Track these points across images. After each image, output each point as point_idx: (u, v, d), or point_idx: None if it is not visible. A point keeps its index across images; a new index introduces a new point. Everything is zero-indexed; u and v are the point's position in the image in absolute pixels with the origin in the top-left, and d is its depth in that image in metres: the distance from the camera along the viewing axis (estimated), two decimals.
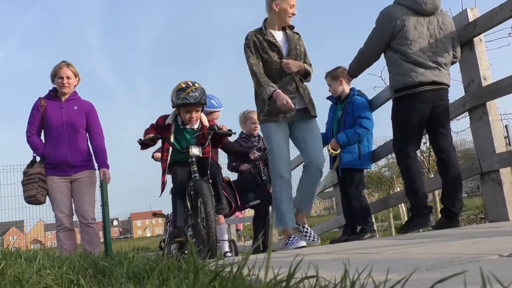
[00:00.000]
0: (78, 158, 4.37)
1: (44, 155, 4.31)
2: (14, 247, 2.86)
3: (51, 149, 4.31)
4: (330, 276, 1.01)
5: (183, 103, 3.63)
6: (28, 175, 4.23)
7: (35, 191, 4.16)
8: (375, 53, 3.60)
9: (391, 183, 11.55)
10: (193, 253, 1.01)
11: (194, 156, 3.65)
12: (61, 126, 4.34)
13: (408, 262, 1.55)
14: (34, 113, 4.41)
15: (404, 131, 3.44)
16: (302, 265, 0.97)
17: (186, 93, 3.62)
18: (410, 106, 3.35)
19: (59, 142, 4.32)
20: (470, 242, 2.02)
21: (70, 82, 4.41)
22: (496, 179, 3.37)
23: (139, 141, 3.70)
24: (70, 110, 4.41)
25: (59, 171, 4.30)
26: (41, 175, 4.23)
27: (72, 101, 4.48)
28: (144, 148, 3.81)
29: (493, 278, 0.77)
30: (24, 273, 1.54)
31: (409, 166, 3.44)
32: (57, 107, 4.40)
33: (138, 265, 1.52)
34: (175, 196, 3.70)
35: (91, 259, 2.05)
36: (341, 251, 2.40)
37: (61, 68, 4.39)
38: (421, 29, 3.38)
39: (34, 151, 4.36)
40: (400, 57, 3.38)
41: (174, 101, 3.70)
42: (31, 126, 4.39)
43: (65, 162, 4.29)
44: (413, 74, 3.30)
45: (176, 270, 1.22)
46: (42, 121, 4.37)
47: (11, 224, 12.26)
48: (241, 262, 0.93)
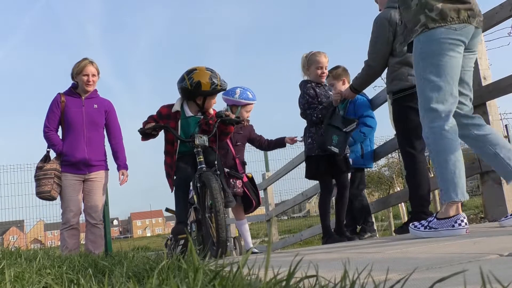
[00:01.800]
0: (96, 157, 4.32)
1: (62, 152, 4.25)
2: (14, 247, 2.86)
3: (69, 147, 4.24)
4: (330, 276, 1.01)
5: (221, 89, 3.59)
6: (43, 170, 4.14)
7: (50, 187, 4.09)
8: (384, 63, 3.49)
9: (391, 182, 11.55)
10: (193, 252, 1.01)
11: (200, 146, 3.44)
12: (81, 124, 4.28)
13: (408, 261, 1.55)
14: (53, 109, 4.32)
15: (408, 132, 3.41)
16: (302, 265, 0.97)
17: (219, 80, 3.54)
18: (409, 106, 3.34)
19: (78, 140, 4.26)
20: (470, 242, 2.02)
21: (94, 80, 4.37)
22: (496, 179, 3.37)
23: (140, 130, 3.50)
24: (90, 108, 4.35)
25: (75, 169, 4.25)
26: (56, 172, 4.17)
27: (92, 99, 4.41)
28: (145, 139, 3.62)
29: (493, 278, 0.77)
30: (24, 272, 1.54)
31: (417, 172, 3.37)
32: (77, 104, 4.33)
33: (138, 264, 1.52)
34: (179, 190, 3.52)
35: (91, 258, 2.05)
36: (341, 250, 2.40)
37: (87, 66, 4.32)
38: None
39: (52, 147, 4.30)
40: (397, 62, 3.38)
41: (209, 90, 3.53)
42: (50, 122, 4.31)
43: (83, 161, 4.25)
44: (410, 77, 3.31)
45: (176, 269, 1.22)
46: (61, 118, 4.30)
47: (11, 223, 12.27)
48: (241, 262, 0.93)
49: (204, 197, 3.31)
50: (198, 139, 3.43)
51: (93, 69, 4.35)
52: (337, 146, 3.81)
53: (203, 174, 3.21)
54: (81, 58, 4.42)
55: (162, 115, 3.63)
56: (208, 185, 3.06)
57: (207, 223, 3.27)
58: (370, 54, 3.50)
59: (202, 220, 3.37)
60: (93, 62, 4.38)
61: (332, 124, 3.85)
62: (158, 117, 3.64)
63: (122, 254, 2.22)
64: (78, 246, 4.29)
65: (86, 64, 4.33)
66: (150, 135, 3.56)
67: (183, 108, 3.65)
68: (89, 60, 4.39)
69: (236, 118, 3.74)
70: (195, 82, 3.51)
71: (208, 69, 3.56)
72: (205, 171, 3.25)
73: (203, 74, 3.52)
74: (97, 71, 4.40)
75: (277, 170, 8.23)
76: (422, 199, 3.37)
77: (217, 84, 3.52)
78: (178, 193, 3.51)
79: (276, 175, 7.96)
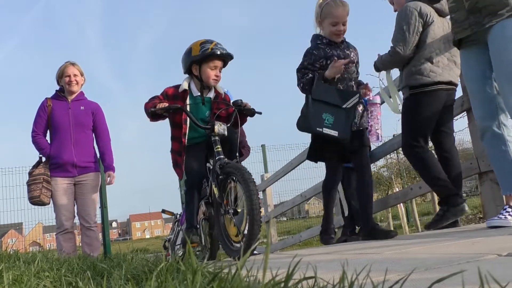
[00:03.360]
0: (84, 159, 4.31)
1: (50, 155, 4.25)
2: (13, 250, 2.86)
3: (57, 149, 4.25)
4: (329, 277, 1.01)
5: (214, 52, 3.10)
6: (32, 176, 4.17)
7: (39, 192, 4.10)
8: (411, 53, 3.32)
9: (389, 183, 11.55)
10: (191, 254, 1.01)
11: (219, 135, 3.07)
12: (68, 126, 4.29)
13: (406, 262, 1.55)
14: (40, 113, 4.35)
15: (416, 127, 3.33)
16: (301, 266, 0.97)
17: (213, 44, 3.13)
18: (426, 102, 3.28)
19: (65, 142, 4.27)
20: (468, 242, 2.02)
21: (77, 80, 4.38)
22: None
23: (151, 111, 3.07)
24: (76, 110, 4.36)
25: (63, 172, 4.24)
26: (45, 176, 4.17)
27: (79, 101, 4.43)
28: (153, 120, 3.19)
29: (491, 278, 0.77)
30: (22, 275, 1.54)
31: (420, 156, 3.28)
32: (64, 107, 4.35)
33: (137, 266, 1.52)
34: (192, 190, 3.15)
35: (89, 261, 2.05)
36: (340, 251, 2.40)
37: (67, 67, 4.38)
38: (440, 29, 3.36)
39: (39, 151, 4.31)
40: (421, 56, 3.31)
41: (199, 53, 3.12)
42: (37, 126, 4.34)
43: (71, 163, 4.24)
44: (431, 74, 3.26)
45: (175, 271, 1.22)
46: (48, 121, 4.32)
47: (10, 226, 12.24)
48: (240, 263, 0.93)
49: (224, 191, 2.92)
50: (218, 126, 3.07)
51: (74, 69, 4.39)
52: (336, 127, 3.21)
53: (230, 165, 2.82)
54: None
55: (168, 96, 3.25)
56: (241, 176, 2.64)
57: (222, 222, 2.93)
58: (398, 40, 3.31)
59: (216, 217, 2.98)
60: (74, 64, 4.42)
61: (323, 99, 3.25)
62: (163, 98, 3.25)
63: (121, 256, 2.22)
64: (75, 249, 4.29)
65: (67, 66, 4.39)
66: (161, 116, 3.18)
67: (190, 88, 3.28)
68: (70, 62, 4.44)
69: (252, 109, 3.33)
70: (187, 50, 3.22)
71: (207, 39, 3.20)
72: (229, 162, 2.89)
73: (198, 41, 3.19)
74: (79, 72, 4.43)
75: (275, 171, 8.24)
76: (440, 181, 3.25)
77: (208, 48, 3.11)
78: (191, 193, 3.15)
79: (274, 176, 7.95)
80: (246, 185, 2.58)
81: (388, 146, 4.83)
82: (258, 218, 2.50)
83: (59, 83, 4.46)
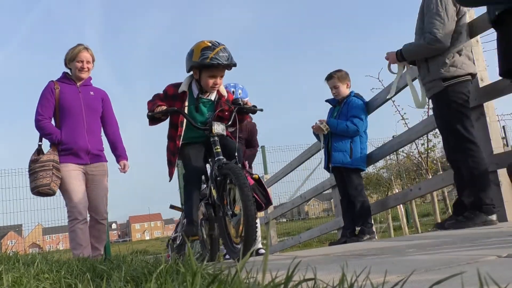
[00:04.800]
0: (96, 146, 4.07)
1: (61, 141, 3.90)
2: (12, 252, 2.85)
3: (69, 134, 3.92)
4: (329, 279, 1.01)
5: (212, 63, 2.93)
6: (40, 162, 3.78)
7: (49, 179, 3.73)
8: (449, 40, 3.18)
9: (389, 184, 11.55)
10: (191, 255, 1.01)
11: (217, 135, 3.01)
12: (80, 110, 3.99)
13: (406, 263, 1.54)
14: (47, 96, 3.98)
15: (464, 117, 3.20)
16: (300, 268, 0.97)
17: (215, 52, 2.93)
18: (463, 91, 3.21)
19: (78, 127, 3.96)
20: (468, 243, 2.02)
21: (89, 67, 4.12)
22: (494, 180, 3.37)
23: (149, 115, 3.03)
24: (87, 95, 4.09)
25: (75, 158, 3.93)
26: (54, 163, 3.81)
27: (88, 86, 4.16)
28: (153, 123, 3.16)
29: (491, 280, 0.77)
30: (22, 277, 1.54)
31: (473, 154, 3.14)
32: (74, 91, 4.05)
33: (137, 268, 1.51)
34: (191, 185, 3.12)
35: (89, 263, 2.05)
36: (339, 253, 2.40)
37: (81, 52, 4.06)
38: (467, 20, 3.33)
39: (47, 136, 3.95)
40: (454, 47, 3.24)
41: (198, 61, 2.97)
42: (43, 110, 3.95)
43: (85, 149, 3.96)
44: (464, 65, 3.22)
45: (175, 273, 1.22)
46: (56, 106, 3.98)
47: (9, 228, 12.23)
48: (239, 265, 0.93)
49: (223, 193, 2.87)
50: (217, 126, 3.00)
51: (88, 55, 4.10)
52: None
53: (227, 167, 2.76)
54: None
55: (168, 95, 3.18)
56: (236, 179, 2.59)
57: (223, 223, 2.86)
58: (436, 28, 3.16)
59: (217, 219, 2.94)
60: (88, 48, 4.11)
61: None
62: (164, 97, 3.19)
63: (120, 258, 2.22)
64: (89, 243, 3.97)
65: (81, 50, 4.06)
66: (159, 119, 3.13)
67: (191, 89, 3.17)
68: (84, 46, 4.12)
69: (253, 107, 3.26)
70: (190, 51, 3.08)
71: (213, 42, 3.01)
72: (227, 163, 2.82)
73: (202, 44, 3.01)
74: (92, 58, 4.15)
75: (275, 172, 8.24)
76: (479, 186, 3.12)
77: (208, 56, 2.93)
78: (190, 188, 3.11)
79: (274, 178, 7.96)
80: (241, 190, 2.53)
81: (388, 147, 4.83)
82: (253, 223, 2.46)
83: (67, 65, 4.14)
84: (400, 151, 9.43)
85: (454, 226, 3.17)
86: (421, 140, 7.93)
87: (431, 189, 4.67)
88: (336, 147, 4.36)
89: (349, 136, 4.35)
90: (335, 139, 4.39)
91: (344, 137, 4.37)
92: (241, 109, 3.19)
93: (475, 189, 3.15)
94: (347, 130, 4.31)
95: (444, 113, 3.29)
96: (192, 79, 3.17)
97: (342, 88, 4.45)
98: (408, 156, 9.80)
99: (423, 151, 8.30)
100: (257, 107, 3.27)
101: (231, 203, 2.80)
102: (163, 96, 3.19)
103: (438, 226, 3.46)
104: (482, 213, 3.09)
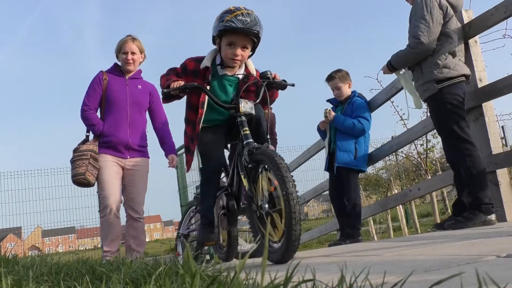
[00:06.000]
0: (137, 142, 3.95)
1: (102, 133, 3.85)
2: (12, 254, 2.85)
3: (111, 127, 3.86)
4: (328, 279, 1.01)
5: (225, 26, 2.54)
6: (79, 151, 3.76)
7: (85, 168, 3.68)
8: (435, 44, 3.24)
9: (388, 185, 11.55)
10: (189, 257, 1.01)
11: (245, 114, 2.60)
12: (124, 104, 3.92)
13: (405, 264, 1.54)
14: (95, 86, 3.95)
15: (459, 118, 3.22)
16: (300, 269, 0.97)
17: (234, 14, 2.53)
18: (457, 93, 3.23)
19: (121, 120, 3.89)
20: (468, 243, 2.02)
21: (135, 58, 4.01)
22: (493, 180, 3.37)
23: (164, 92, 2.65)
24: (134, 89, 4.01)
25: (114, 151, 3.86)
26: (93, 153, 3.77)
27: (136, 79, 4.08)
28: (167, 101, 2.79)
29: (490, 280, 0.77)
30: (21, 280, 1.53)
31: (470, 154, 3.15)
32: (121, 83, 3.99)
33: (136, 270, 1.51)
34: (209, 181, 2.75)
35: (88, 265, 2.04)
36: (339, 254, 2.40)
37: (126, 43, 4.00)
38: (455, 22, 3.34)
39: (90, 127, 3.91)
40: (445, 49, 3.26)
41: (215, 27, 2.62)
42: (90, 100, 3.92)
43: (125, 143, 3.87)
44: (457, 67, 3.24)
45: (174, 275, 1.22)
46: (102, 97, 3.93)
47: (9, 230, 12.22)
48: (239, 266, 0.93)
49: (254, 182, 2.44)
50: (244, 104, 2.60)
51: (134, 46, 4.01)
52: None
53: (261, 152, 2.36)
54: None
55: (187, 70, 2.79)
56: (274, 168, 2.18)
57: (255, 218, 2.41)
58: (421, 31, 3.23)
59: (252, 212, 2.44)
60: (135, 39, 4.04)
61: None
62: (182, 72, 2.81)
63: (119, 260, 2.21)
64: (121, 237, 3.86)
65: (126, 41, 4.01)
66: (176, 96, 2.74)
67: (215, 64, 2.78)
68: (131, 36, 4.06)
69: (283, 81, 2.84)
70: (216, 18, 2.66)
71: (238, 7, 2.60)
72: (259, 147, 2.44)
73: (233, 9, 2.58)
74: (138, 48, 4.04)
75: None
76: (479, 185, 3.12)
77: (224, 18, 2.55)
78: (209, 184, 2.75)
79: None
80: (280, 176, 2.13)
81: (387, 148, 4.84)
82: (295, 221, 2.07)
83: (117, 58, 4.10)
84: (399, 152, 9.43)
85: (453, 226, 3.17)
86: (420, 140, 7.93)
87: (430, 189, 4.67)
88: (341, 146, 4.31)
89: (354, 135, 4.31)
90: (340, 139, 4.34)
91: (349, 137, 4.32)
92: (270, 84, 2.77)
93: (474, 188, 3.16)
94: (353, 128, 4.25)
95: (439, 115, 3.31)
96: (216, 53, 2.79)
97: (344, 88, 4.43)
98: (407, 156, 9.80)
99: (422, 151, 8.31)
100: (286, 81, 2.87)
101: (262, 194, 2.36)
102: (181, 71, 2.82)
103: (438, 227, 3.46)
104: (481, 213, 3.09)
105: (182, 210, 8.55)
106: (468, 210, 3.16)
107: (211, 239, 2.68)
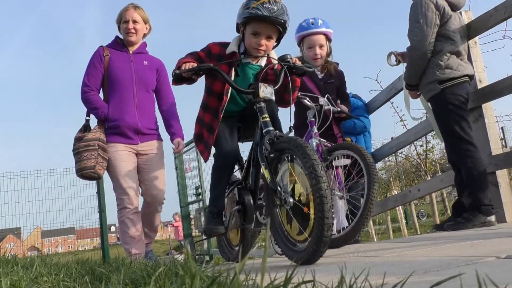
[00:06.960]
0: (147, 125, 3.52)
1: (107, 117, 3.42)
2: (11, 255, 2.84)
3: (116, 109, 3.42)
4: (328, 280, 1.01)
5: (251, 15, 2.41)
6: (85, 141, 3.30)
7: (95, 161, 3.25)
8: (430, 46, 3.24)
9: (388, 186, 11.56)
10: (189, 258, 1.01)
11: (265, 100, 2.41)
12: (130, 84, 3.47)
13: (405, 265, 1.54)
14: (95, 63, 3.49)
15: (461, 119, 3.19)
16: (299, 270, 0.97)
17: (260, 2, 2.39)
18: (460, 93, 3.22)
19: (127, 102, 3.45)
20: (467, 244, 2.02)
21: (137, 28, 3.54)
22: (493, 181, 3.37)
23: (176, 73, 2.48)
24: (139, 65, 3.55)
25: (123, 138, 3.42)
26: (101, 142, 3.33)
27: (142, 54, 3.62)
28: (177, 83, 2.60)
29: (489, 281, 0.77)
30: (20, 281, 1.53)
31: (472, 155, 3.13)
32: (125, 59, 3.53)
33: (136, 271, 1.51)
34: (222, 169, 2.56)
35: (88, 265, 2.04)
36: (338, 254, 2.39)
37: (127, 11, 3.54)
38: (457, 22, 3.33)
39: (93, 111, 3.46)
40: (446, 50, 3.25)
41: (240, 14, 2.50)
42: (90, 79, 3.46)
43: (134, 128, 3.44)
44: (460, 67, 3.23)
45: (173, 276, 1.21)
46: (105, 75, 3.48)
47: (8, 231, 12.21)
48: (238, 267, 0.93)
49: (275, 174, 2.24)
50: (264, 89, 2.40)
51: (135, 14, 3.54)
52: None
53: (284, 139, 2.20)
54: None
55: (212, 55, 2.62)
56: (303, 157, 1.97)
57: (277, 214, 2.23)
58: (414, 36, 3.25)
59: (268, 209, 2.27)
60: (136, 8, 3.57)
61: None
62: (206, 56, 2.62)
63: (119, 261, 2.21)
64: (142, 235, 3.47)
65: (127, 9, 3.56)
66: (188, 79, 2.54)
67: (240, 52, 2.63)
68: (132, 4, 3.59)
69: (305, 66, 2.66)
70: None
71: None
72: (281, 135, 2.27)
73: None
74: (142, 18, 3.57)
75: None
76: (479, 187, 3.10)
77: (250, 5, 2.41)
78: (221, 172, 2.55)
79: None
80: (310, 166, 1.92)
81: (387, 149, 4.84)
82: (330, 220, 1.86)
83: (119, 30, 3.63)
84: (399, 153, 9.44)
85: (453, 227, 3.16)
86: (420, 141, 7.93)
87: (430, 190, 4.68)
88: None
89: (355, 133, 4.29)
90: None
91: (351, 136, 4.30)
92: (290, 68, 2.59)
93: (474, 189, 3.15)
94: (354, 126, 4.21)
95: (441, 115, 3.30)
96: (240, 41, 2.64)
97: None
98: (407, 157, 9.81)
99: (422, 152, 8.31)
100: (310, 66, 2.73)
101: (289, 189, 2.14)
102: (205, 55, 2.63)
103: (437, 228, 3.46)
104: (481, 214, 3.09)
105: (182, 211, 8.54)
106: (468, 211, 3.16)
107: (219, 230, 2.51)
